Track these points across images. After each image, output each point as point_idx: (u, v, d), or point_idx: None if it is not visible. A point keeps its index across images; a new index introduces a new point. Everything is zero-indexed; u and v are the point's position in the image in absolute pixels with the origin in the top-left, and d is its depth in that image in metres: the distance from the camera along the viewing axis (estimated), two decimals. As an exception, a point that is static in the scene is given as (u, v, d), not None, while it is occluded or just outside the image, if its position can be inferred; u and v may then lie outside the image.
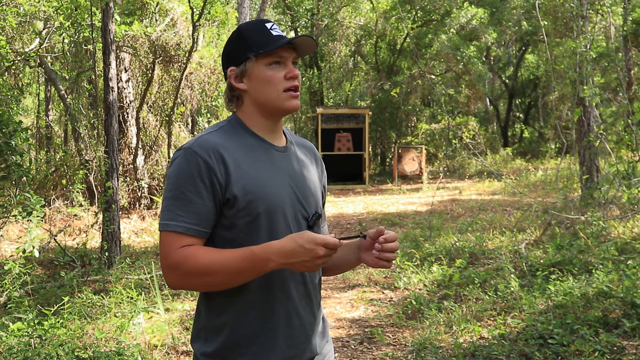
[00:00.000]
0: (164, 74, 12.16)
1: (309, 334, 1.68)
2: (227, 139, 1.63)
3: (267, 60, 1.64)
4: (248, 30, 1.67)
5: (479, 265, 6.45)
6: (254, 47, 1.63)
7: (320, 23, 22.02)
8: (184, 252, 1.53)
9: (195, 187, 1.55)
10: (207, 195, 1.55)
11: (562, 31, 10.35)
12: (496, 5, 21.92)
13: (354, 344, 4.62)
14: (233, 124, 1.69)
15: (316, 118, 19.00)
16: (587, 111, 9.31)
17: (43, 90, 17.36)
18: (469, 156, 18.35)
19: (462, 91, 22.50)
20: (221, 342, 1.61)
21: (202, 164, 1.55)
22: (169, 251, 1.55)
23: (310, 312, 1.69)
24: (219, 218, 1.59)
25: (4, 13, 9.00)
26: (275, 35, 1.64)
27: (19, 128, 5.66)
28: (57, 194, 10.61)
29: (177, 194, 1.56)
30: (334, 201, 14.07)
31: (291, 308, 1.64)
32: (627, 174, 7.19)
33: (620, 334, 4.05)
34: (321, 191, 1.80)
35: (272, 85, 1.64)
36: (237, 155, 1.60)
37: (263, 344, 1.61)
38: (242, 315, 1.60)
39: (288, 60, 1.66)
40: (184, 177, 1.56)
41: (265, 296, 1.61)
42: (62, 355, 3.84)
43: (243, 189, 1.56)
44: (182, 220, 1.54)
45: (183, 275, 1.54)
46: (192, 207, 1.55)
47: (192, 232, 1.55)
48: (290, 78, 1.65)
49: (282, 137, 1.75)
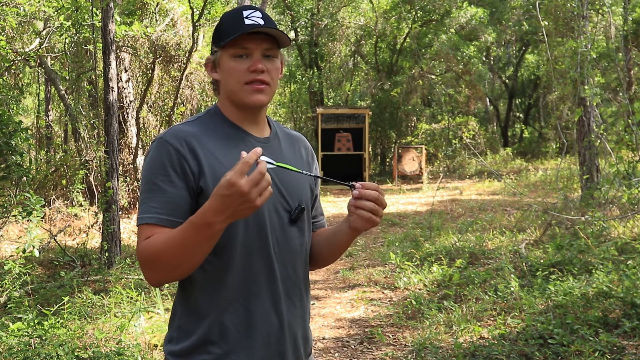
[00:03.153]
0: (164, 74, 12.16)
1: (288, 335, 1.60)
2: (203, 128, 1.58)
3: (231, 51, 1.56)
4: (225, 18, 1.60)
5: (479, 265, 6.45)
6: (223, 36, 1.57)
7: (320, 23, 22.01)
8: (146, 242, 1.46)
9: (167, 177, 1.50)
10: (179, 184, 1.50)
11: (562, 31, 10.34)
12: (496, 5, 21.92)
13: (354, 344, 4.62)
14: (212, 114, 1.64)
15: (316, 118, 19.00)
16: (587, 111, 9.30)
17: (43, 90, 17.36)
18: (469, 156, 18.35)
19: (462, 91, 22.50)
20: (193, 340, 1.55)
21: (174, 152, 1.50)
22: (139, 244, 1.49)
23: (292, 311, 1.62)
24: (195, 208, 1.49)
25: (4, 13, 9.00)
26: (247, 24, 1.54)
27: (19, 128, 5.66)
28: (57, 194, 10.61)
29: (150, 185, 1.51)
30: (334, 201, 14.07)
31: (269, 305, 1.57)
32: (627, 174, 7.18)
33: (620, 334, 4.05)
34: (310, 185, 1.71)
35: (233, 77, 1.57)
36: (211, 144, 1.55)
37: (237, 342, 1.54)
38: (218, 313, 1.54)
39: (255, 51, 1.56)
40: (155, 167, 1.51)
41: (242, 293, 1.54)
42: (62, 355, 3.84)
43: (215, 178, 1.48)
44: (154, 211, 1.48)
45: (149, 266, 1.46)
46: (164, 197, 1.49)
47: (164, 222, 1.48)
48: (253, 71, 1.55)
49: (264, 128, 1.67)
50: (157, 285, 1.52)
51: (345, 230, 1.61)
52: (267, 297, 1.57)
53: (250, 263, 1.55)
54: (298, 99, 25.24)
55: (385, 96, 21.22)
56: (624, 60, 13.10)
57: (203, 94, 12.58)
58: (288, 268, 1.61)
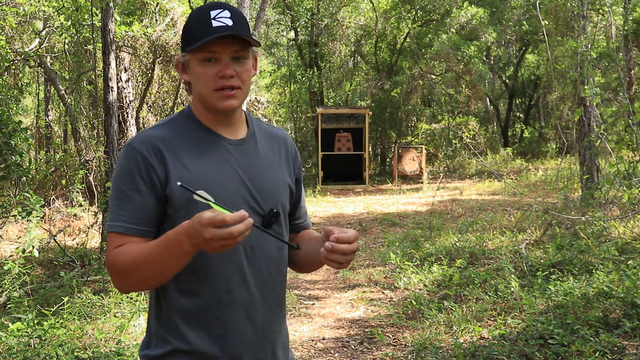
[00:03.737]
0: (164, 73, 12.17)
1: (264, 341, 1.58)
2: (172, 132, 1.55)
3: (199, 55, 1.50)
4: (192, 18, 1.53)
5: (479, 265, 6.44)
6: (190, 40, 1.51)
7: (320, 23, 22.00)
8: (116, 251, 1.47)
9: (135, 185, 1.48)
10: (147, 192, 1.48)
11: (562, 31, 10.34)
12: (496, 4, 21.91)
13: (354, 344, 4.61)
14: (183, 116, 1.60)
15: (316, 118, 19.00)
16: (587, 111, 9.29)
17: (43, 90, 17.37)
18: (469, 156, 18.34)
19: (462, 91, 22.49)
20: (168, 348, 1.53)
21: (141, 160, 1.48)
22: (108, 253, 1.49)
23: (269, 315, 1.59)
24: (164, 216, 1.50)
25: (3, 13, 8.99)
26: (214, 27, 1.47)
27: (19, 128, 5.66)
28: (57, 194, 10.61)
29: (119, 192, 1.50)
30: (334, 201, 14.06)
31: (243, 313, 1.54)
32: (627, 174, 7.17)
33: (620, 334, 4.04)
34: (289, 186, 1.67)
35: (202, 82, 1.52)
36: (179, 149, 1.51)
37: (212, 352, 1.52)
38: (192, 323, 1.52)
39: (223, 55, 1.50)
40: (124, 175, 1.50)
41: (214, 303, 1.52)
42: (62, 355, 3.84)
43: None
44: (122, 219, 1.48)
45: (118, 275, 1.47)
46: (132, 206, 1.48)
47: (132, 231, 1.48)
48: (222, 77, 1.50)
49: (239, 129, 1.62)
50: (125, 292, 1.55)
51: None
52: (240, 305, 1.54)
53: (221, 270, 1.53)
54: (298, 99, 25.23)
55: (385, 96, 21.21)
56: (624, 60, 13.10)
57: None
58: (263, 272, 1.58)
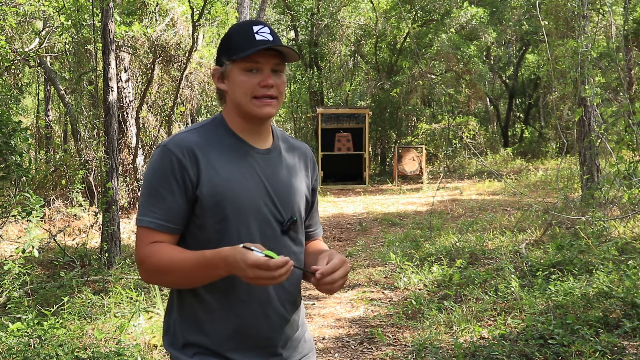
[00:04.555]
0: (164, 73, 12.15)
1: (279, 339, 1.67)
2: (205, 137, 1.65)
3: (242, 65, 1.63)
4: (235, 32, 1.67)
5: (479, 265, 6.44)
6: (233, 50, 1.63)
7: (320, 23, 22.01)
8: (150, 249, 1.58)
9: (168, 185, 1.58)
10: (178, 193, 1.59)
11: (563, 31, 10.33)
12: (496, 4, 21.92)
13: (354, 344, 4.61)
14: (216, 123, 1.70)
15: (316, 118, 19.00)
16: (587, 111, 9.29)
17: (43, 90, 17.37)
18: (469, 156, 18.34)
19: (462, 91, 22.49)
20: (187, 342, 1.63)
21: (176, 162, 1.59)
22: (139, 246, 1.60)
23: (284, 316, 1.68)
24: (191, 216, 1.61)
25: (3, 13, 8.99)
26: (257, 40, 1.61)
27: (19, 128, 5.65)
28: (57, 194, 10.61)
29: (152, 190, 1.60)
30: (334, 201, 14.06)
31: (260, 312, 1.63)
32: (627, 174, 7.17)
33: (620, 334, 4.04)
34: (306, 195, 1.78)
35: (243, 90, 1.63)
36: (211, 155, 1.62)
37: (230, 347, 1.62)
38: (212, 320, 1.61)
39: (265, 66, 1.63)
40: (158, 174, 1.60)
41: (235, 295, 1.61)
42: (62, 355, 3.84)
43: (212, 189, 1.58)
44: (154, 216, 1.59)
45: (147, 271, 1.59)
46: (164, 204, 1.59)
47: (162, 228, 1.59)
48: (264, 87, 1.63)
49: (267, 139, 1.73)
50: (145, 282, 1.69)
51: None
52: (258, 303, 1.63)
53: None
54: (298, 99, 25.24)
55: (385, 96, 21.21)
56: (625, 60, 13.10)
57: (203, 94, 12.58)
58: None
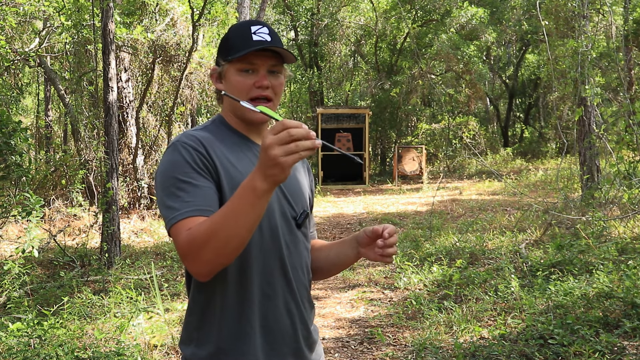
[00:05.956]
0: (164, 73, 12.15)
1: (301, 335, 1.65)
2: (212, 136, 1.61)
3: (238, 65, 1.60)
4: (233, 32, 1.64)
5: (479, 265, 6.44)
6: (230, 50, 1.61)
7: (320, 23, 22.01)
8: (189, 231, 1.41)
9: (195, 172, 1.49)
10: (207, 178, 1.50)
11: (563, 31, 10.34)
12: (496, 4, 21.92)
13: (354, 344, 4.61)
14: (217, 123, 1.68)
15: (316, 118, 19.01)
16: (587, 111, 9.30)
17: (43, 90, 17.37)
18: (469, 156, 18.34)
19: (462, 91, 22.50)
20: (212, 344, 1.58)
21: (194, 152, 1.52)
22: (178, 241, 1.43)
23: (303, 312, 1.66)
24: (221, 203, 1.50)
25: (3, 13, 8.99)
26: (254, 41, 1.58)
27: (19, 128, 5.65)
28: (57, 194, 10.61)
29: (178, 184, 1.48)
30: (334, 201, 14.05)
31: (282, 307, 1.61)
32: (627, 174, 7.17)
33: (620, 334, 4.04)
34: (308, 194, 1.77)
35: (238, 90, 1.60)
36: (223, 150, 1.58)
37: (254, 344, 1.57)
38: (236, 316, 1.57)
39: (261, 67, 1.60)
40: (179, 167, 1.50)
41: (258, 295, 1.58)
42: (62, 355, 3.84)
43: (231, 181, 1.53)
44: (194, 204, 1.45)
45: (196, 253, 1.40)
46: (199, 191, 1.47)
47: (206, 213, 1.44)
48: (259, 87, 1.59)
49: None
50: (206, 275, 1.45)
51: (352, 256, 1.73)
52: (281, 299, 1.61)
53: (266, 264, 1.59)
54: (298, 99, 25.25)
55: (385, 96, 21.21)
56: (625, 60, 13.09)
57: (203, 94, 12.57)
58: (298, 270, 1.66)
